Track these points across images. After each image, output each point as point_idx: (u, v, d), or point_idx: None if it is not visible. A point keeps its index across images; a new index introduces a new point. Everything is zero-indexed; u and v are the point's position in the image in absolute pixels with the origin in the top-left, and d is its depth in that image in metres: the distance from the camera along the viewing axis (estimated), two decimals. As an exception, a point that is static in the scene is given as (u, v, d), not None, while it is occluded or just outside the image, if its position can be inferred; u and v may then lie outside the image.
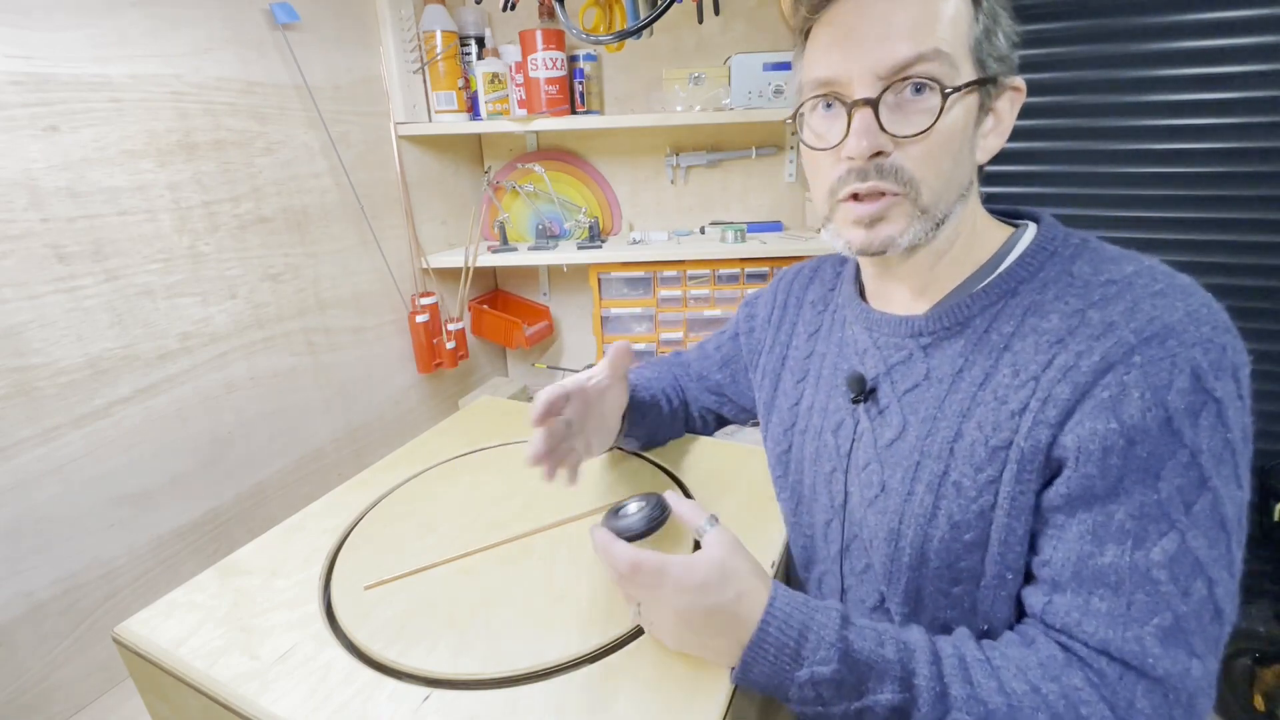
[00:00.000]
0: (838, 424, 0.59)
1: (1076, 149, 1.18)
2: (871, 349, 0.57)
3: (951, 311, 0.51)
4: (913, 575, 0.51)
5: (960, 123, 0.47)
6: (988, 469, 0.47)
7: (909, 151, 0.47)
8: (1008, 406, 0.46)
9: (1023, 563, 0.47)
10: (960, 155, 0.48)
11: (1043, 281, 0.49)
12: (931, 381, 0.52)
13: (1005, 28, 0.48)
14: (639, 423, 0.74)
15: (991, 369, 0.48)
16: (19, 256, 0.74)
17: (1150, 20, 1.09)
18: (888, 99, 0.46)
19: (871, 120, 0.46)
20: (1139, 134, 1.13)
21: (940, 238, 0.51)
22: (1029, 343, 0.47)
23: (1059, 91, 1.17)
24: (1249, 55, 1.04)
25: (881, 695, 0.43)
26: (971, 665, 0.44)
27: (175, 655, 0.52)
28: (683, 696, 0.47)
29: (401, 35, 1.22)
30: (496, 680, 0.49)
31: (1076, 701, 0.41)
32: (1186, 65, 1.08)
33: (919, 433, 0.51)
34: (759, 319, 0.76)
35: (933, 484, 0.49)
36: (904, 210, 0.48)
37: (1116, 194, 1.16)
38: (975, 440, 0.47)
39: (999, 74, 0.48)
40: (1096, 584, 0.42)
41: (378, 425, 1.28)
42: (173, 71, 0.87)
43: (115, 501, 0.85)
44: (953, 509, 0.48)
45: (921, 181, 0.47)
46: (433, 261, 1.35)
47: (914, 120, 0.46)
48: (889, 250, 0.50)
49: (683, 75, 1.30)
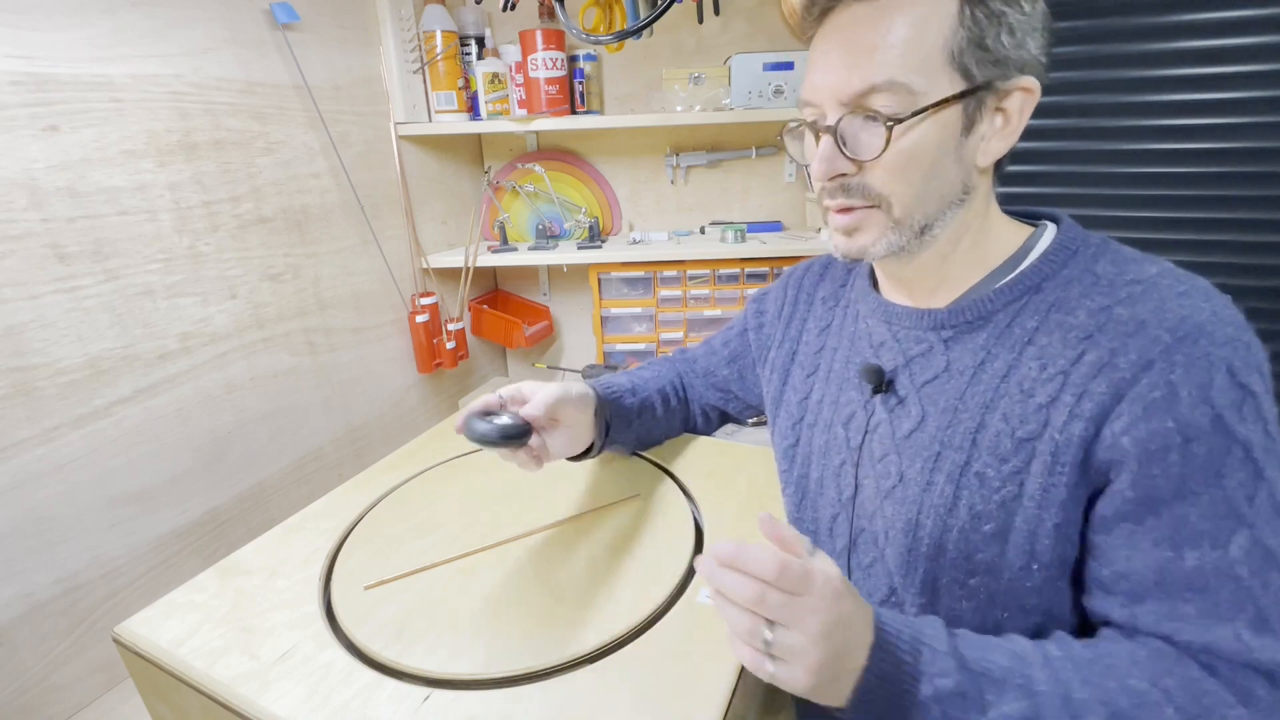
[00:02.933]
0: (849, 417, 0.59)
1: (1079, 149, 1.18)
2: (890, 341, 0.57)
3: (975, 305, 0.52)
4: (930, 566, 0.51)
5: (931, 139, 0.47)
6: (1013, 460, 0.47)
7: (873, 171, 0.49)
8: (1035, 399, 0.47)
9: (1053, 556, 0.47)
10: (937, 168, 0.48)
11: (1066, 279, 0.49)
12: (952, 373, 0.52)
13: (1012, 21, 0.46)
14: (624, 430, 0.74)
15: (1015, 362, 0.49)
16: (19, 256, 0.74)
17: (1154, 20, 1.09)
18: (852, 122, 0.48)
19: (831, 146, 0.48)
20: (1143, 134, 1.13)
21: (939, 240, 0.51)
22: (1055, 337, 0.47)
23: (1062, 92, 1.17)
24: (1253, 55, 1.04)
25: (1005, 707, 0.41)
26: (1086, 665, 0.43)
27: (175, 655, 0.52)
28: (682, 697, 0.47)
29: (401, 35, 1.22)
30: (496, 680, 0.49)
31: (1199, 693, 0.41)
32: (1190, 65, 1.08)
33: (939, 423, 0.51)
34: (769, 315, 0.76)
35: (953, 474, 0.49)
36: (876, 221, 0.50)
37: (1120, 194, 1.16)
38: (1000, 432, 0.48)
39: (994, 79, 0.46)
40: (1183, 589, 0.42)
41: (378, 425, 1.28)
42: (173, 71, 0.87)
43: (115, 501, 0.85)
44: (974, 500, 0.48)
45: (891, 195, 0.49)
46: (433, 261, 1.35)
47: (870, 145, 0.47)
48: (865, 257, 0.52)
49: (683, 75, 1.30)
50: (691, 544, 0.62)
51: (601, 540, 0.63)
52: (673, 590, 0.56)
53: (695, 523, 0.66)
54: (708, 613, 0.54)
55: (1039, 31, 0.47)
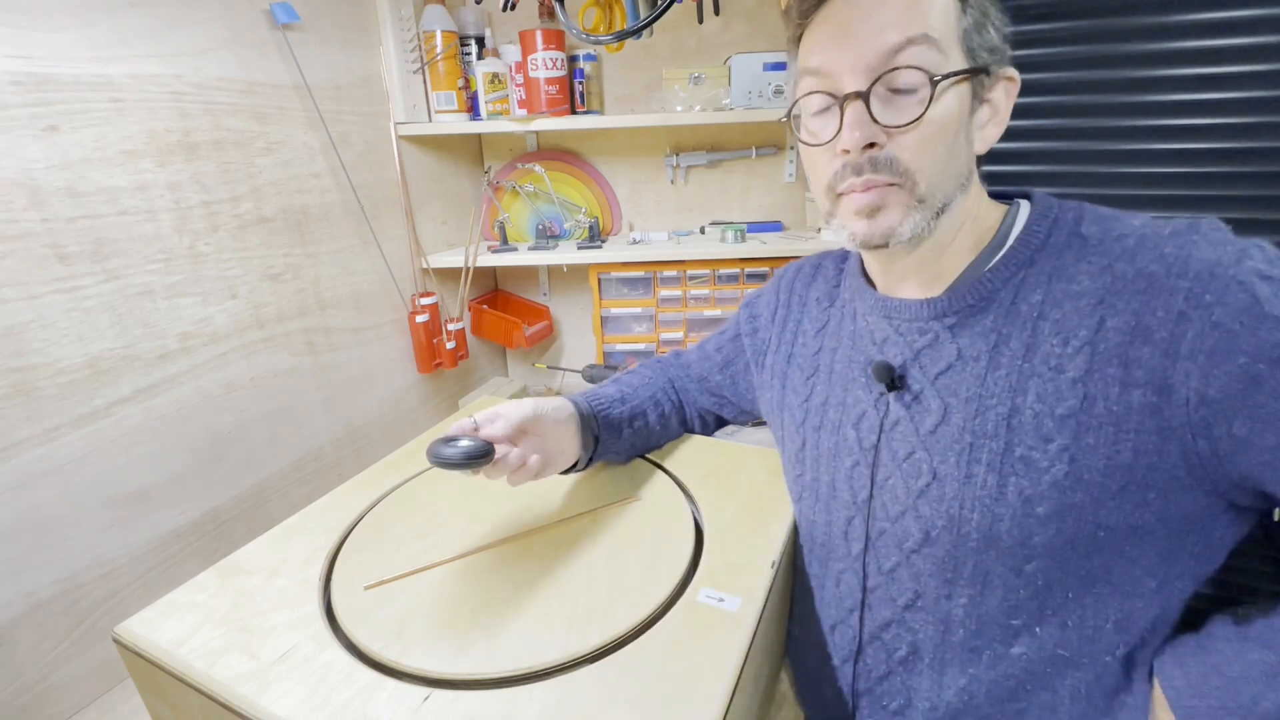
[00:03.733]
0: (859, 417, 0.58)
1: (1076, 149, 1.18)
2: (893, 336, 0.57)
3: (973, 289, 0.52)
4: (980, 559, 0.50)
5: (953, 111, 0.47)
6: (1058, 438, 0.46)
7: (902, 142, 0.48)
8: (1066, 374, 0.46)
9: (1123, 524, 0.46)
10: (955, 144, 0.49)
11: (1056, 247, 0.50)
12: (965, 361, 0.51)
13: (995, 21, 0.49)
14: (615, 439, 0.72)
15: (1032, 340, 0.48)
16: (19, 256, 0.74)
17: (1150, 20, 1.09)
18: (879, 91, 0.47)
19: (863, 112, 0.47)
20: (1143, 134, 1.13)
21: (942, 228, 0.52)
22: (1067, 308, 0.47)
23: (1059, 92, 1.17)
24: (1250, 55, 1.04)
25: None
26: None
27: (175, 655, 0.52)
28: (682, 697, 0.46)
29: (401, 35, 1.22)
30: (496, 680, 0.49)
31: None
32: (1187, 65, 1.08)
33: (964, 414, 0.51)
34: (762, 318, 0.76)
35: (994, 463, 0.49)
36: (901, 199, 0.49)
37: (1118, 194, 1.16)
38: (1039, 413, 0.47)
39: (990, 64, 0.48)
40: None
41: (378, 425, 1.28)
42: (173, 71, 0.87)
43: (115, 501, 0.85)
44: (1023, 484, 0.48)
45: (917, 171, 0.48)
46: (433, 261, 1.35)
47: (905, 110, 0.47)
48: (891, 242, 0.50)
49: (683, 75, 1.30)
50: (691, 544, 0.62)
51: (601, 540, 0.63)
52: (673, 590, 0.56)
53: (695, 523, 0.66)
54: (708, 613, 0.54)
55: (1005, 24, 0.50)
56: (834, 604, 0.62)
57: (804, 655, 0.67)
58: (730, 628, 0.52)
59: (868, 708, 0.59)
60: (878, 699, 0.58)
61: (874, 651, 0.58)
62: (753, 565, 0.59)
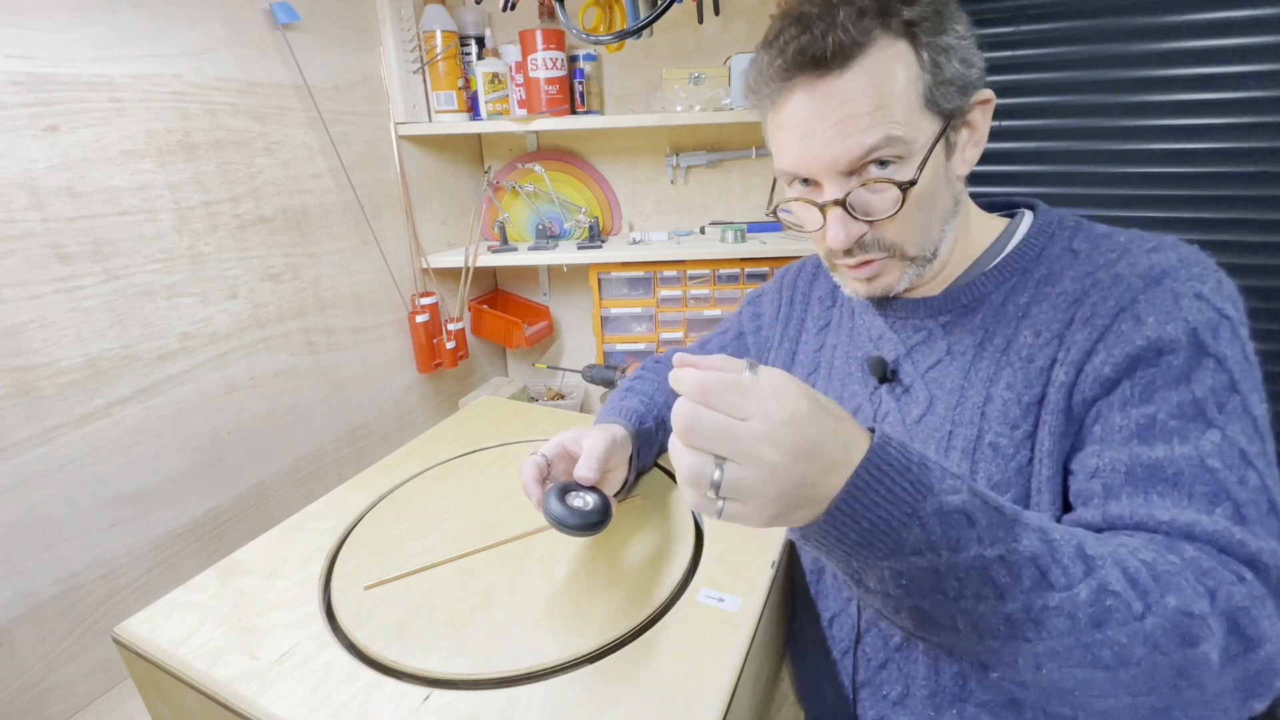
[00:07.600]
0: (854, 410, 0.61)
1: (1076, 149, 1.18)
2: (888, 333, 0.59)
3: (968, 290, 0.55)
4: None
5: (929, 181, 0.50)
6: (1023, 425, 0.49)
7: (886, 225, 0.51)
8: (1035, 364, 0.49)
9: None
10: (937, 199, 0.51)
11: (1049, 258, 0.53)
12: (953, 356, 0.54)
13: (957, 47, 0.48)
14: (649, 454, 0.72)
15: (1012, 335, 0.51)
16: (19, 256, 0.74)
17: (1149, 20, 1.09)
18: (857, 191, 0.49)
19: (844, 215, 0.50)
20: (1138, 134, 1.13)
21: (938, 261, 0.55)
22: (1046, 305, 0.50)
23: (1058, 92, 1.17)
24: (1250, 55, 1.04)
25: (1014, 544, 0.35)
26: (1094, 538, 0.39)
27: (175, 655, 0.52)
28: (682, 697, 0.47)
29: (401, 35, 1.22)
30: (496, 680, 0.49)
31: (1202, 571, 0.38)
32: (1186, 65, 1.08)
33: (947, 404, 0.53)
34: (765, 317, 0.76)
35: (967, 449, 0.51)
36: (894, 265, 0.54)
37: (1117, 194, 1.16)
38: (1007, 400, 0.50)
39: (959, 104, 0.50)
40: (1153, 480, 0.42)
41: (378, 425, 1.28)
42: (173, 71, 0.87)
43: (115, 501, 0.85)
44: (991, 470, 0.49)
45: (905, 243, 0.52)
46: (433, 261, 1.35)
47: (885, 201, 0.50)
48: (890, 293, 0.56)
49: (683, 75, 1.30)
50: (692, 544, 0.62)
51: (601, 540, 0.63)
52: (673, 590, 0.56)
53: (695, 523, 0.66)
54: (708, 613, 0.54)
55: (973, 42, 0.50)
56: (832, 594, 0.63)
57: (803, 653, 0.68)
58: (730, 628, 0.52)
59: (868, 699, 0.59)
60: (877, 689, 0.59)
61: (872, 639, 0.59)
62: (753, 565, 0.59)
